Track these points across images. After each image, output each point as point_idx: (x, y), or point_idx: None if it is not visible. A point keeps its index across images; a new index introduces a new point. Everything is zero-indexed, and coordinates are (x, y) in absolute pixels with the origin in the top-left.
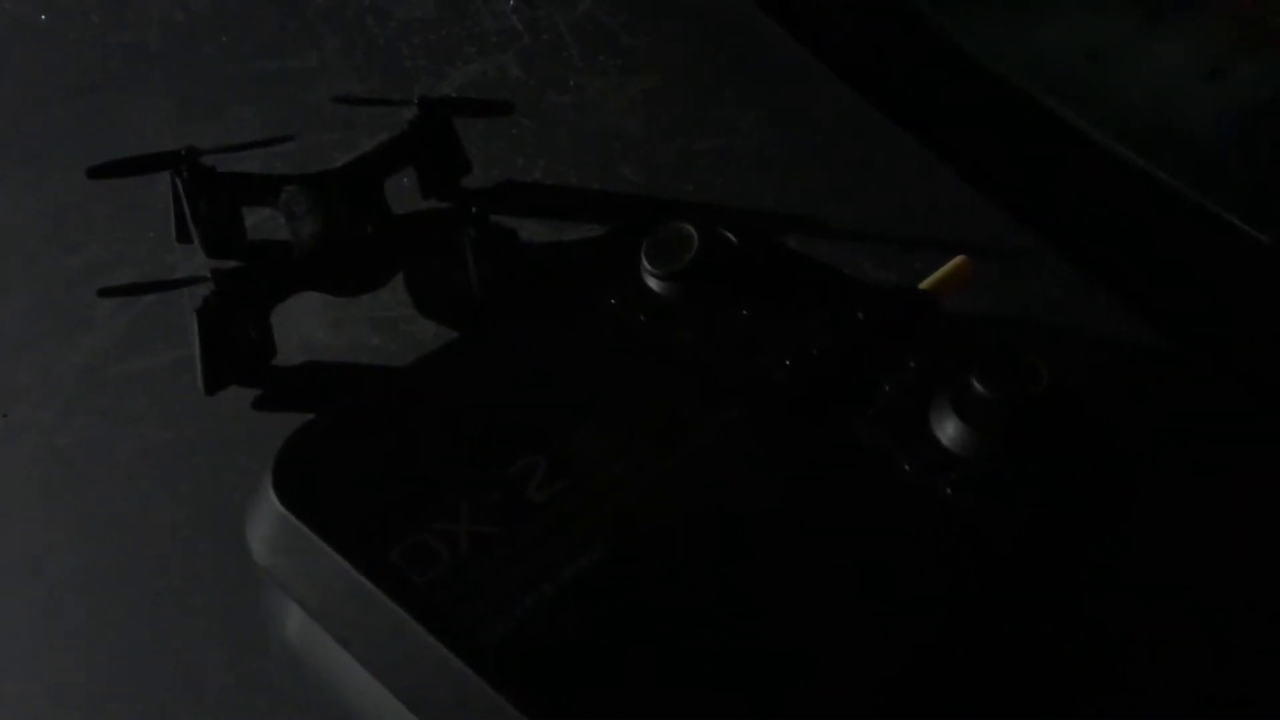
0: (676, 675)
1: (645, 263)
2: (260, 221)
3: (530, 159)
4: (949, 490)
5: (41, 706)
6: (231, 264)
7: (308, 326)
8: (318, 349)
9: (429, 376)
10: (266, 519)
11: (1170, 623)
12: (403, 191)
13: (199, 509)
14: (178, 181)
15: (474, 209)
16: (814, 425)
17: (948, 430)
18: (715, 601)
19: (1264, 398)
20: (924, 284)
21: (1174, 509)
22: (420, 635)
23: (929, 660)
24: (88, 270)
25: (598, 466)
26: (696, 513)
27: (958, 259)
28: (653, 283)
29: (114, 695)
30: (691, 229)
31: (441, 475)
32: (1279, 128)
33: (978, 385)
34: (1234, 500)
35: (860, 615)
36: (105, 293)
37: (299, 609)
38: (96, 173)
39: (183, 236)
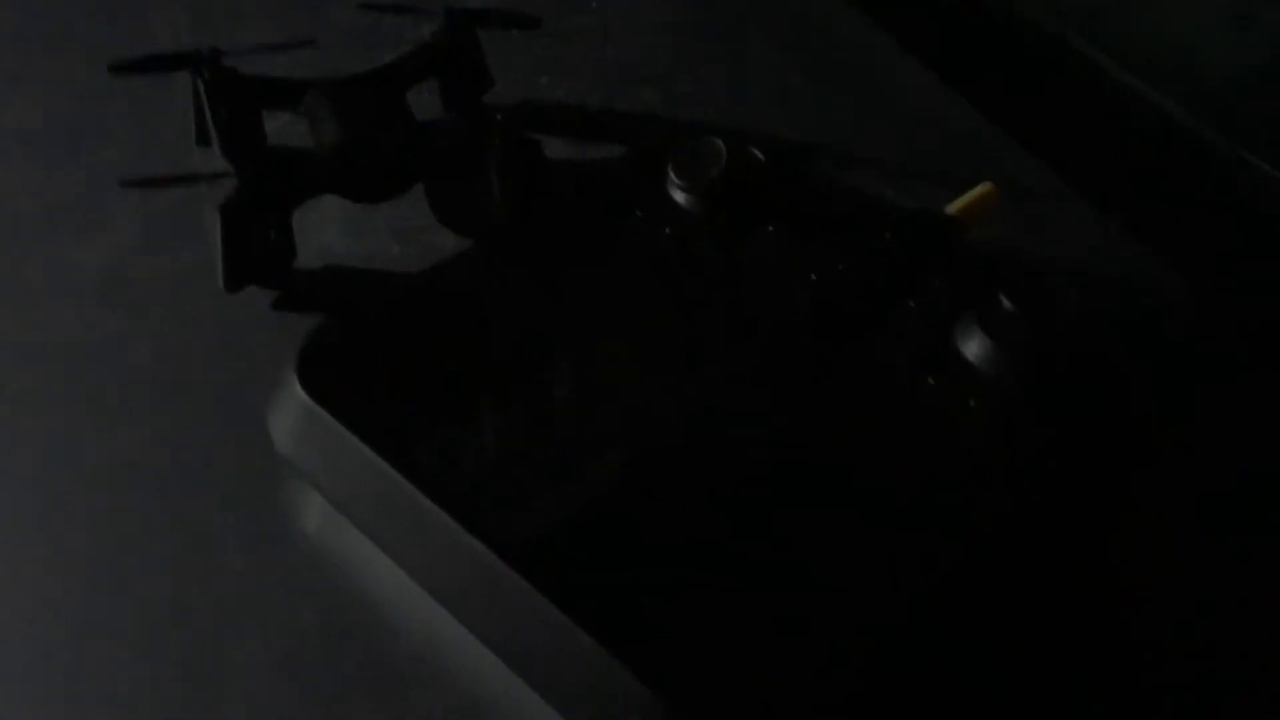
0: (703, 577)
1: (673, 175)
2: (280, 128)
3: (553, 80)
4: (973, 405)
5: (60, 594)
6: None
7: (328, 233)
8: (337, 255)
9: (456, 278)
10: (290, 409)
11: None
12: (424, 105)
13: (217, 405)
14: (199, 83)
15: (499, 119)
16: (840, 342)
17: (973, 348)
18: (745, 510)
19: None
20: (950, 208)
21: (1188, 446)
22: (449, 527)
23: (955, 574)
24: (106, 171)
25: (624, 374)
26: (722, 423)
27: (984, 185)
28: (679, 196)
29: (132, 585)
30: (720, 143)
31: (468, 374)
32: None
33: (1006, 303)
34: (1247, 441)
35: (886, 528)
36: (127, 183)
37: (319, 502)
38: (118, 69)
39: (202, 140)
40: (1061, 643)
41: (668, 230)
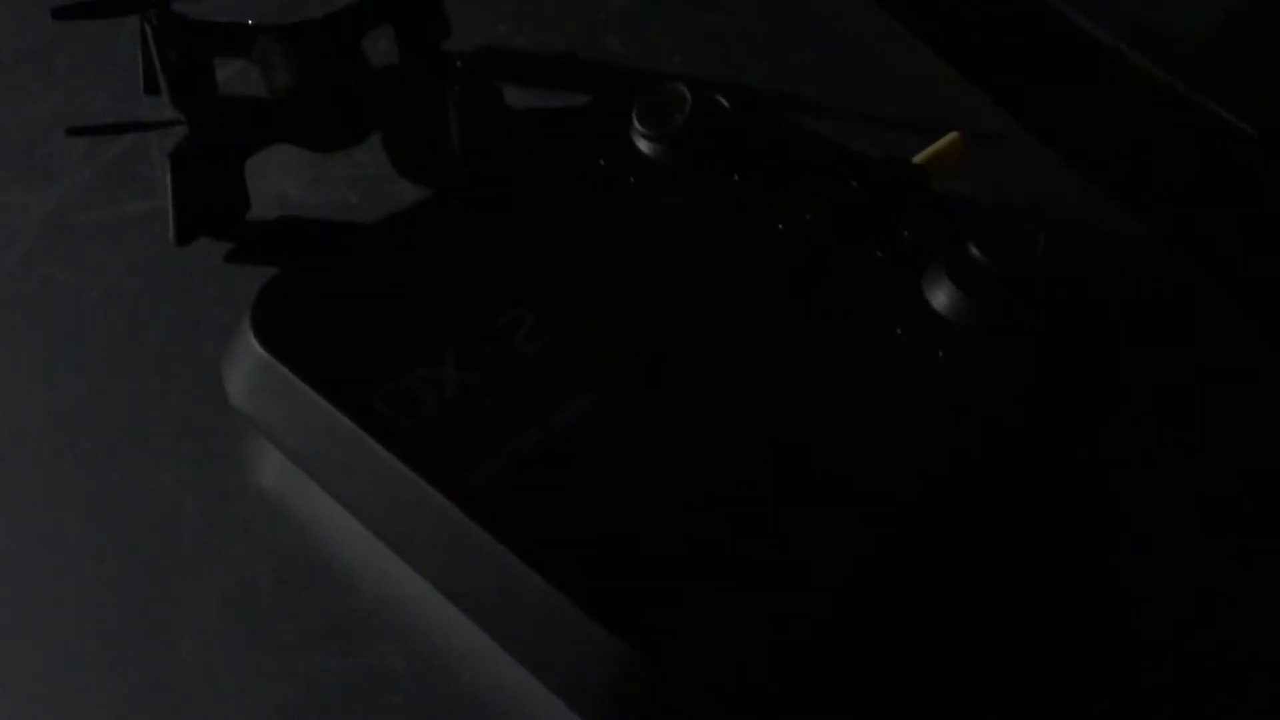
0: (664, 521)
1: (637, 123)
2: (231, 76)
3: (513, 26)
4: (941, 355)
5: (8, 547)
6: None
7: (283, 183)
8: (293, 205)
9: (413, 227)
10: (244, 361)
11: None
12: (380, 53)
13: (168, 358)
14: (146, 28)
15: (459, 64)
16: (805, 291)
17: (941, 296)
18: (706, 456)
19: (1246, 287)
20: (917, 158)
21: (1154, 398)
22: (405, 475)
23: (919, 524)
24: (51, 119)
25: (586, 322)
26: (685, 370)
27: (951, 135)
28: (643, 145)
29: (85, 543)
30: (685, 90)
31: (427, 324)
32: (1269, 22)
33: (974, 250)
34: (1212, 391)
35: (850, 478)
36: (74, 131)
37: (275, 455)
38: (61, 13)
39: (150, 87)
40: (1027, 592)
41: (632, 179)
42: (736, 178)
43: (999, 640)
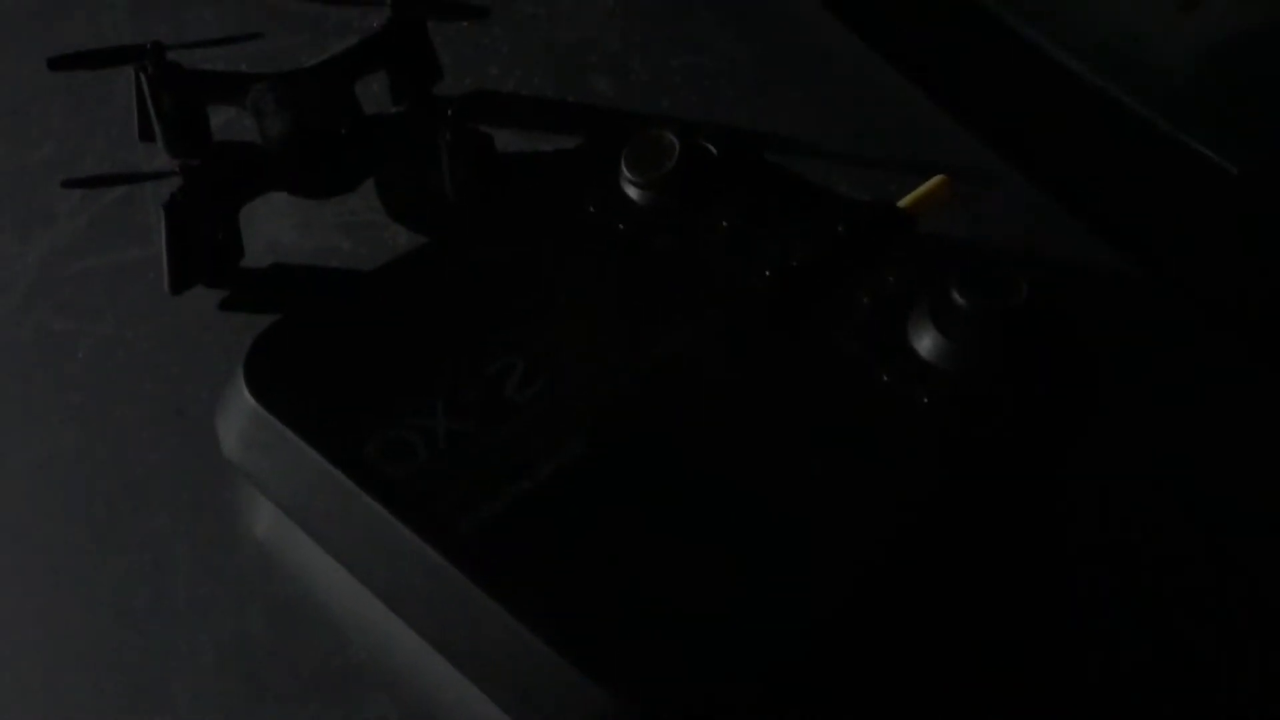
0: (652, 569)
1: (625, 170)
2: (225, 123)
3: (504, 69)
4: (925, 400)
5: (3, 597)
6: (197, 162)
7: (276, 229)
8: (286, 251)
9: (404, 277)
10: (238, 413)
11: (1129, 529)
12: (373, 98)
13: (163, 407)
14: (141, 77)
15: (451, 111)
16: (792, 336)
17: (925, 341)
18: (692, 501)
19: (1228, 323)
20: (903, 201)
21: (1135, 428)
22: (395, 528)
23: (901, 566)
24: (47, 167)
25: (576, 370)
26: (673, 416)
27: (937, 178)
28: (632, 191)
29: (78, 591)
30: (673, 136)
31: (418, 373)
32: (1249, 60)
33: (957, 296)
34: (1191, 420)
35: (834, 521)
36: (70, 184)
37: (268, 506)
38: (58, 64)
39: (145, 135)
40: (1006, 632)
41: (621, 224)
42: (724, 223)
43: (979, 673)
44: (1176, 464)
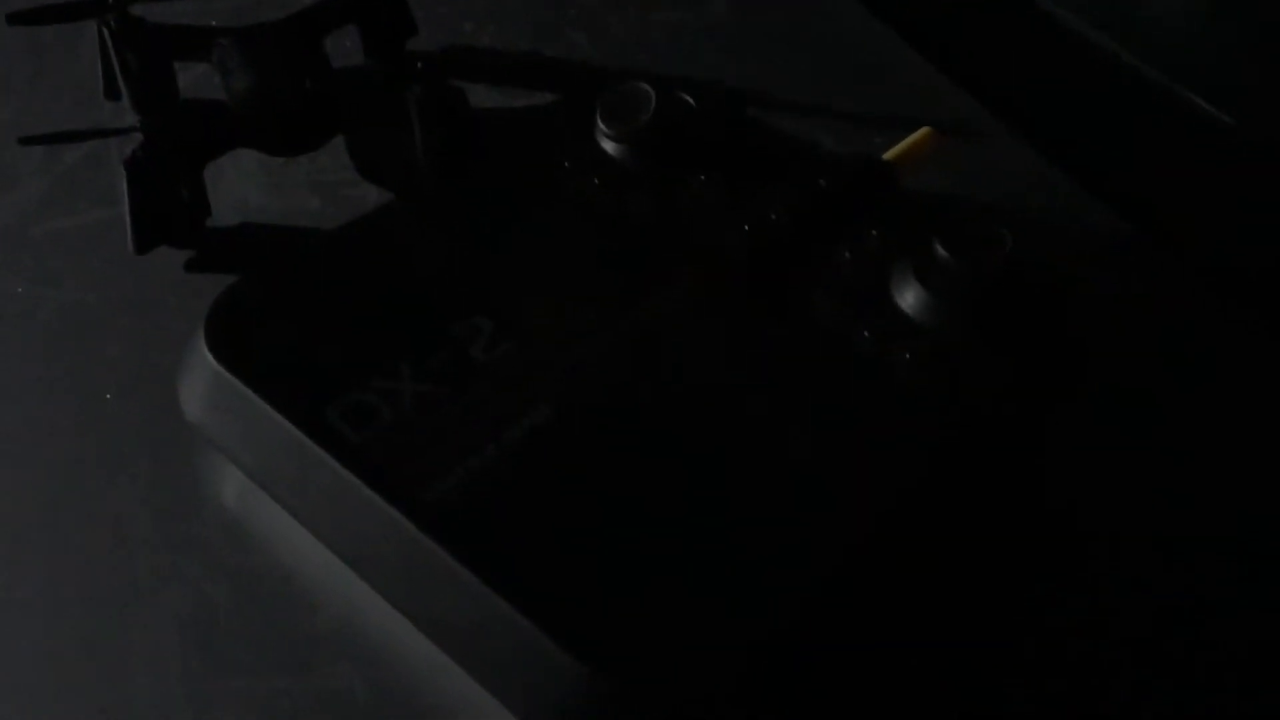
0: (627, 538)
1: (600, 123)
2: (193, 81)
3: (479, 24)
4: (908, 357)
5: None
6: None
7: (244, 188)
8: (254, 211)
9: (370, 235)
10: (199, 376)
11: (1118, 499)
12: (345, 54)
13: (127, 372)
14: (105, 32)
15: (421, 66)
16: (772, 293)
17: (908, 298)
18: (667, 465)
19: (1221, 278)
20: (887, 154)
21: (1126, 388)
22: (361, 492)
23: (888, 531)
24: (8, 126)
25: (546, 330)
26: (647, 377)
27: (922, 130)
28: (608, 145)
29: (37, 562)
30: (649, 88)
31: (383, 334)
32: (1245, 10)
33: (941, 251)
34: (1188, 382)
35: (814, 483)
36: (27, 141)
37: (234, 472)
38: (17, 19)
39: (110, 92)
40: (994, 595)
41: (596, 180)
42: (702, 177)
43: (968, 645)
44: (1167, 426)
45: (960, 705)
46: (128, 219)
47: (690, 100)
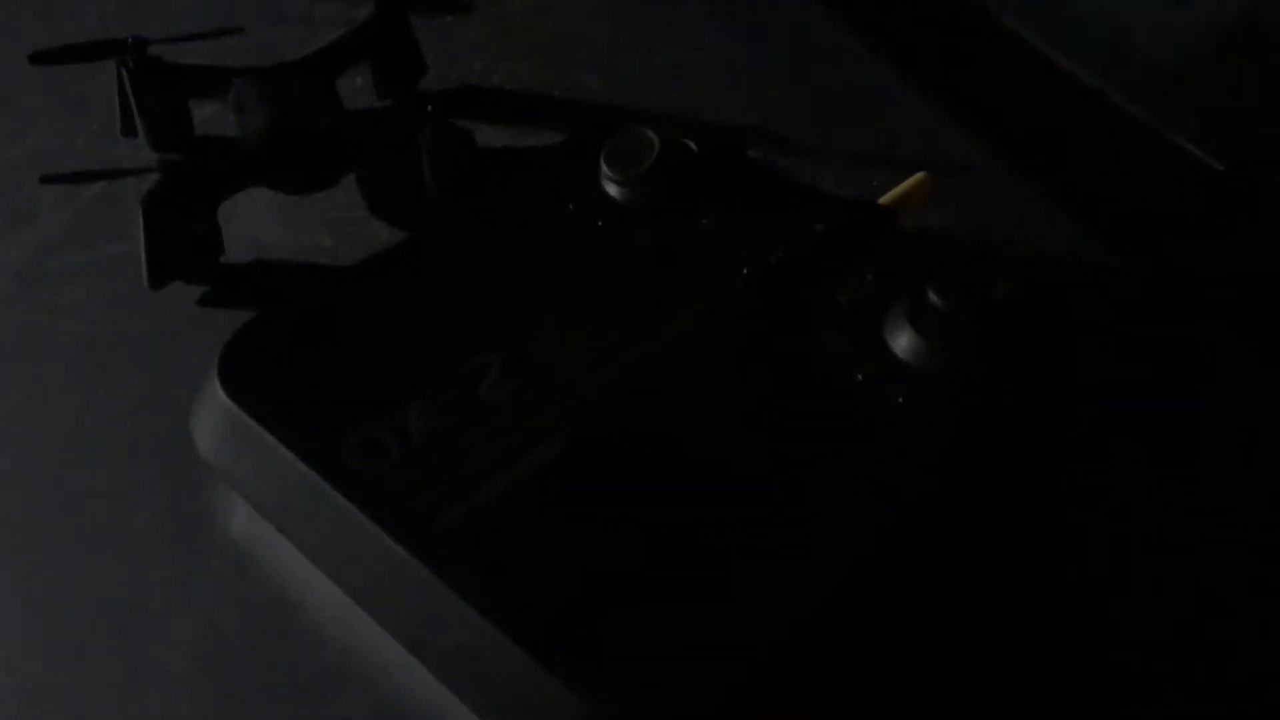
0: (627, 572)
1: (605, 167)
2: (208, 118)
3: (488, 64)
4: (900, 400)
5: None
6: (178, 157)
7: (257, 225)
8: (267, 248)
9: (380, 274)
10: (212, 413)
11: (1117, 521)
12: (357, 92)
13: (141, 405)
14: (123, 72)
15: (430, 107)
16: (770, 334)
17: (901, 341)
18: (667, 501)
19: (1214, 316)
20: (884, 198)
21: (1120, 419)
22: (368, 528)
23: (876, 566)
24: (29, 162)
25: (553, 369)
26: (650, 416)
27: (918, 175)
28: (611, 188)
29: (52, 591)
30: (652, 134)
31: (392, 372)
32: (1238, 56)
33: (933, 296)
34: (1182, 421)
35: (811, 523)
36: (48, 179)
37: (244, 506)
38: (40, 58)
39: (128, 130)
40: (983, 634)
41: (600, 222)
42: (703, 220)
43: (958, 676)
44: (1166, 458)
45: None
46: (143, 255)
47: (692, 145)
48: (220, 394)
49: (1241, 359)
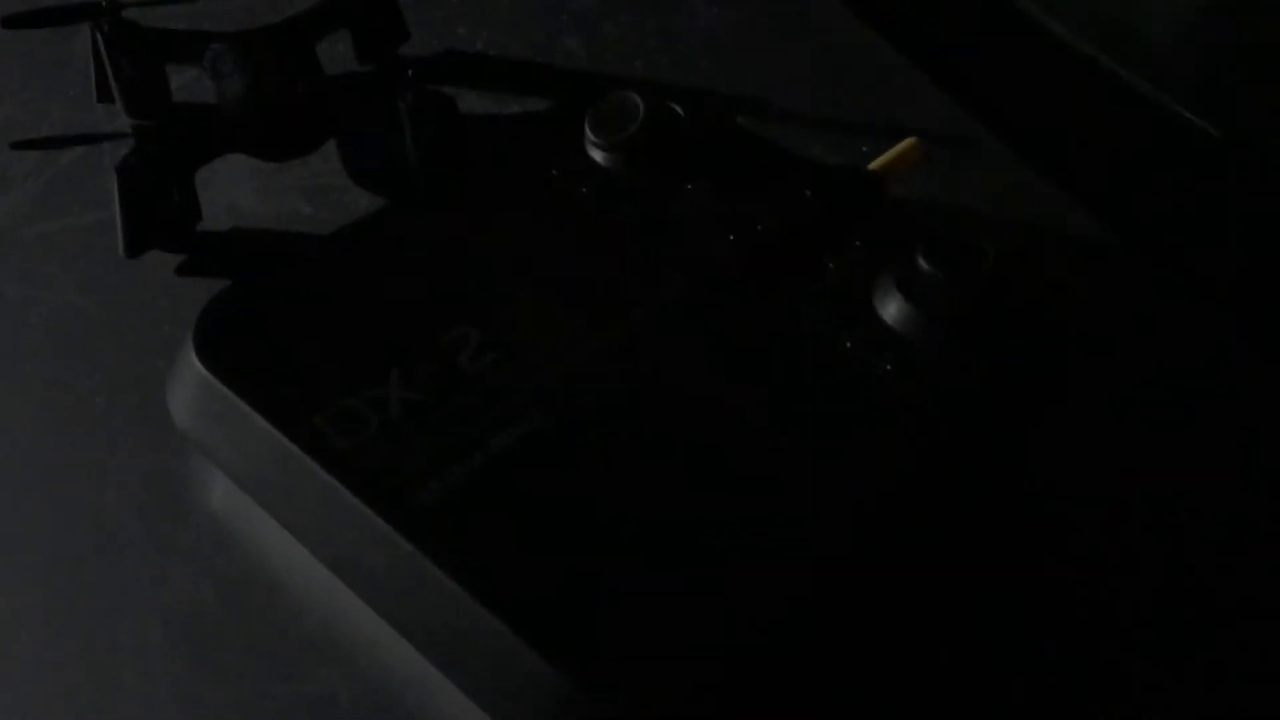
0: (611, 546)
1: (589, 132)
2: (185, 83)
3: (472, 29)
4: (889, 368)
5: None
6: (154, 123)
7: (235, 192)
8: (245, 216)
9: (359, 242)
10: (188, 383)
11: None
12: (337, 58)
13: (117, 376)
14: (98, 36)
15: (411, 73)
16: (757, 302)
17: (891, 309)
18: (652, 472)
19: (1207, 290)
20: (873, 165)
21: (1109, 395)
22: (346, 499)
23: (867, 540)
24: (2, 129)
25: (534, 338)
26: (634, 386)
27: (907, 140)
28: (597, 154)
29: (24, 564)
30: (638, 98)
31: (371, 342)
32: (1233, 23)
33: (923, 263)
34: (1171, 394)
35: (798, 492)
36: (20, 145)
37: (222, 478)
38: (11, 23)
39: (103, 95)
40: (970, 609)
41: (584, 189)
42: (689, 187)
43: (950, 655)
44: (1150, 435)
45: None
46: (119, 222)
47: (679, 110)
48: (196, 364)
49: (1232, 337)
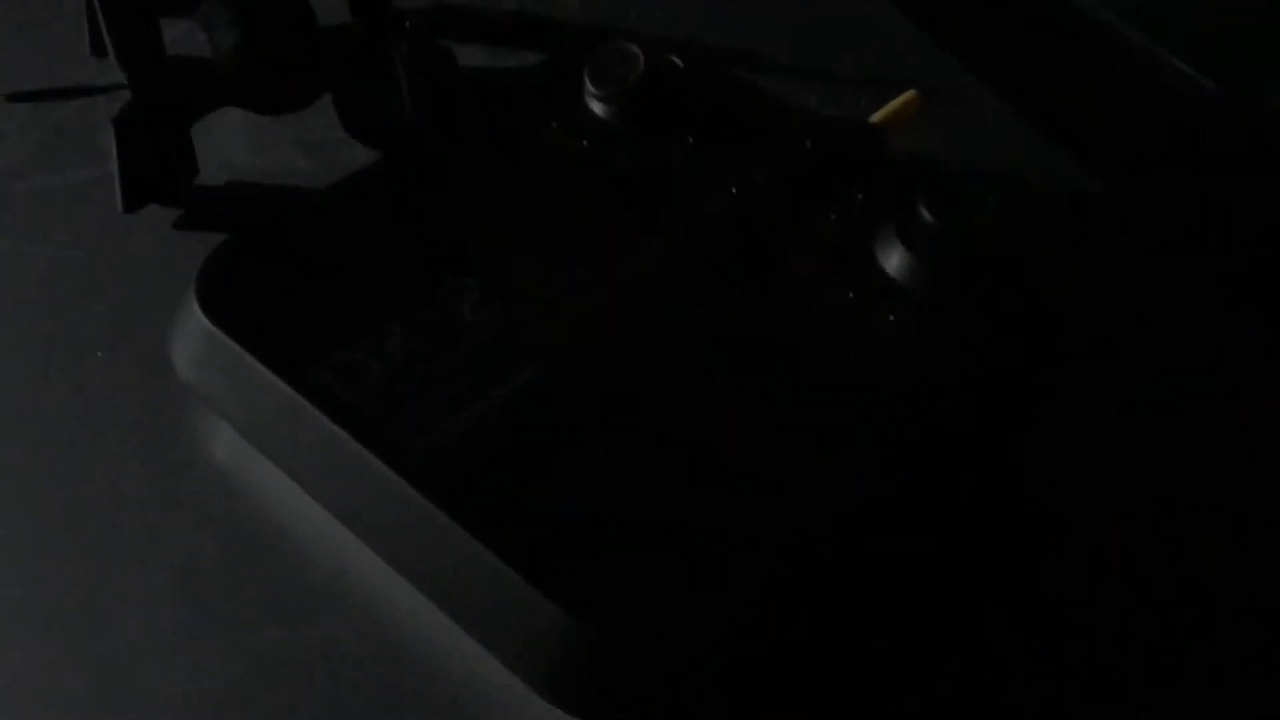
0: (612, 492)
1: (588, 84)
2: (180, 36)
3: None
4: (891, 319)
5: None
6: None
7: (231, 147)
8: (242, 170)
9: (359, 194)
10: (191, 335)
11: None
12: (332, 9)
13: (115, 329)
14: None
15: (409, 24)
16: (757, 255)
17: (892, 260)
18: (652, 420)
19: (1201, 245)
20: (873, 117)
21: (1107, 356)
22: (350, 446)
23: (868, 490)
24: None
25: (532, 290)
26: (633, 337)
27: (907, 93)
28: (596, 106)
29: (28, 516)
30: (637, 49)
31: (371, 293)
32: None
33: (925, 213)
34: (1167, 354)
35: (798, 442)
36: (15, 98)
37: (224, 429)
38: None
39: (97, 50)
40: (973, 568)
41: (584, 141)
42: (689, 139)
43: (948, 611)
44: (1147, 390)
45: (942, 672)
46: (116, 177)
47: (678, 62)
48: (199, 315)
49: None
